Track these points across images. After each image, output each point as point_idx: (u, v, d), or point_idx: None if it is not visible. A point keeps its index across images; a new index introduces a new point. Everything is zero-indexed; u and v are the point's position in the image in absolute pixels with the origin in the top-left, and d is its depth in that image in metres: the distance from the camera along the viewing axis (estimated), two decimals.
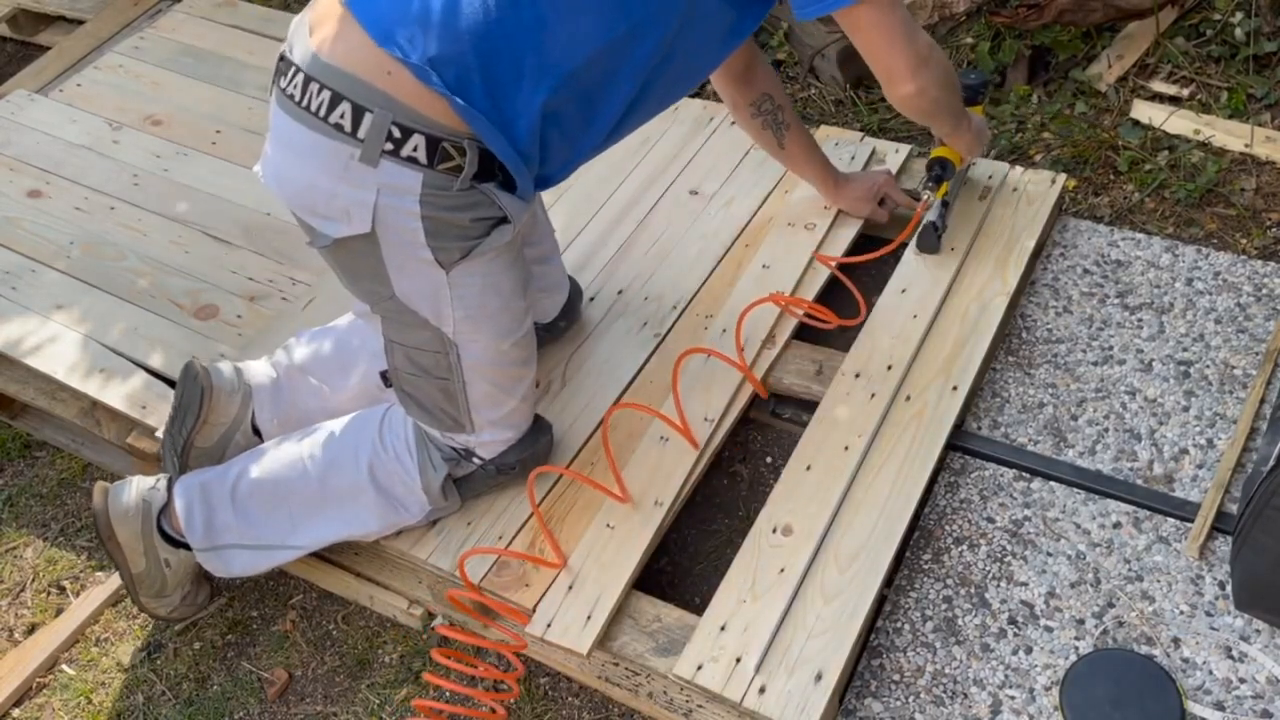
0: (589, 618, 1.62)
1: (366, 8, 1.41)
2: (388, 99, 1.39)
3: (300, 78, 1.43)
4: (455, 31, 1.38)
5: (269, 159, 1.52)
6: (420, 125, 1.40)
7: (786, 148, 2.01)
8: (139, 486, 1.78)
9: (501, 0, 1.38)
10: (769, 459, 1.98)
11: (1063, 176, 2.16)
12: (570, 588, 1.66)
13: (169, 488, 1.79)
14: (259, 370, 1.88)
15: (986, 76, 2.10)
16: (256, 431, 1.87)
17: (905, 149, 2.28)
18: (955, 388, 1.84)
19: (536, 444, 1.77)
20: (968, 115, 1.87)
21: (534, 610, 1.65)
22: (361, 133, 1.40)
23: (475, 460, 1.72)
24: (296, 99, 1.44)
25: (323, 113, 1.41)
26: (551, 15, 1.39)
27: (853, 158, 2.26)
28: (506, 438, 1.73)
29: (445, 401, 1.65)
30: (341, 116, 1.40)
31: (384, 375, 1.79)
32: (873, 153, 2.27)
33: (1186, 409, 1.85)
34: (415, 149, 1.41)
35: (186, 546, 1.78)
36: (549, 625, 1.62)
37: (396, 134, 1.40)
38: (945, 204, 2.04)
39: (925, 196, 2.02)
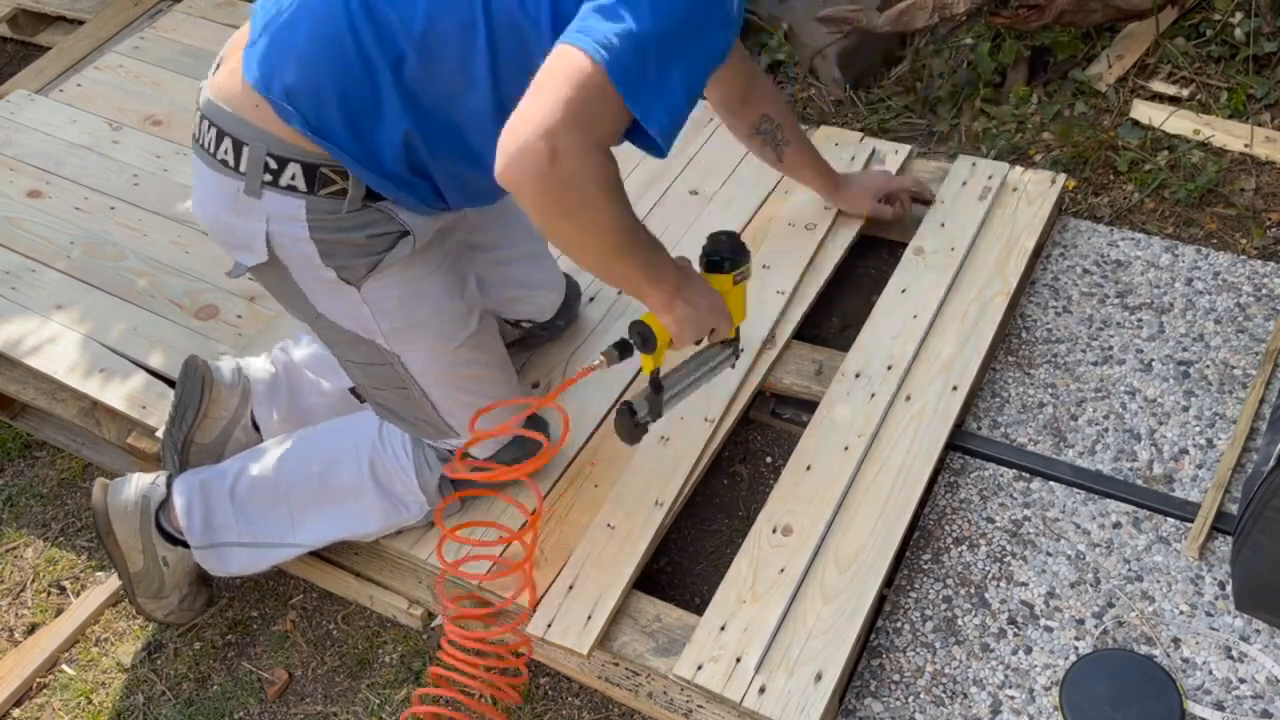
0: (589, 618, 1.62)
1: (254, 41, 1.42)
2: (260, 132, 1.40)
3: (198, 115, 1.48)
4: (310, 61, 1.37)
5: (194, 195, 1.56)
6: (294, 155, 1.41)
7: (785, 160, 2.00)
8: (138, 484, 1.79)
9: (359, 31, 1.35)
10: (769, 459, 1.98)
11: (1063, 177, 2.16)
12: (570, 588, 1.66)
13: (169, 485, 1.79)
14: (259, 366, 1.89)
15: (740, 248, 1.54)
16: (256, 428, 1.87)
17: (905, 149, 2.28)
18: (955, 388, 1.84)
19: (531, 443, 1.75)
20: (673, 283, 1.43)
21: (534, 610, 1.65)
22: (242, 166, 1.43)
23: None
24: (196, 137, 1.49)
25: (212, 149, 1.45)
26: (409, 48, 1.35)
27: (853, 158, 2.26)
28: (497, 438, 1.71)
29: (414, 409, 1.65)
30: (226, 152, 1.44)
31: (353, 391, 1.79)
32: (873, 153, 2.27)
33: (1186, 409, 1.85)
34: (293, 177, 1.42)
35: (185, 544, 1.78)
36: (549, 626, 1.62)
37: (273, 165, 1.41)
38: (656, 385, 1.55)
39: (596, 361, 1.51)
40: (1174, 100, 2.46)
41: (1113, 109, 2.47)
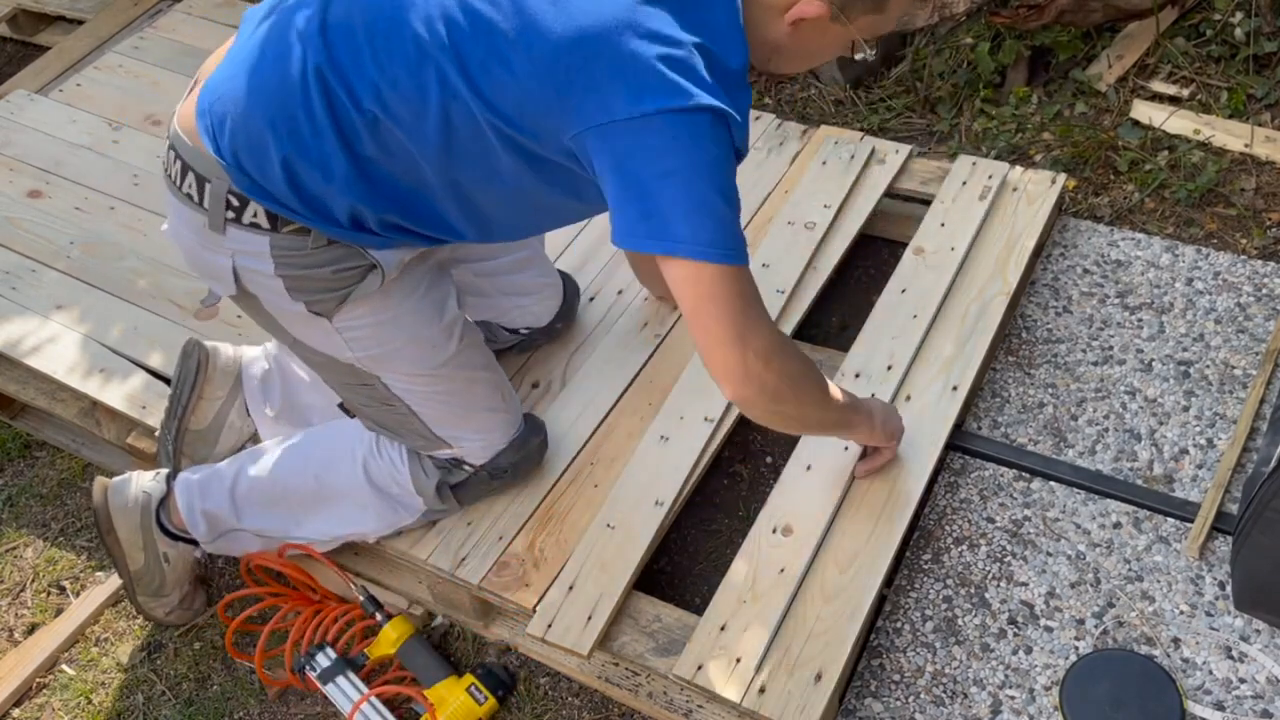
0: (589, 618, 1.62)
1: (215, 81, 1.39)
2: (221, 168, 1.37)
3: (167, 144, 1.46)
4: (257, 122, 1.34)
5: (167, 220, 1.54)
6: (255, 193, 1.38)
7: (639, 269, 1.96)
8: (139, 481, 1.79)
9: (312, 102, 1.31)
10: (769, 459, 1.98)
11: (1063, 176, 2.16)
12: (571, 588, 1.66)
13: (169, 483, 1.79)
14: (253, 355, 1.91)
15: None
16: (250, 417, 1.89)
17: (906, 149, 2.28)
18: (955, 388, 1.84)
19: (528, 445, 1.75)
20: (854, 409, 1.57)
21: (534, 611, 1.65)
22: (206, 202, 1.41)
23: (467, 468, 1.72)
24: (165, 167, 1.47)
25: (178, 181, 1.43)
26: (361, 126, 1.31)
27: (852, 156, 2.26)
28: (492, 443, 1.70)
29: (403, 423, 1.65)
30: (190, 186, 1.42)
31: (341, 406, 1.79)
32: (872, 152, 2.27)
33: (1186, 409, 1.85)
34: (256, 215, 1.39)
35: (187, 540, 1.79)
36: (549, 626, 1.62)
37: (235, 202, 1.39)
38: None
39: None
40: (1174, 100, 2.46)
41: (1113, 109, 2.47)
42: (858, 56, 1.37)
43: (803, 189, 2.20)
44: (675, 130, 1.22)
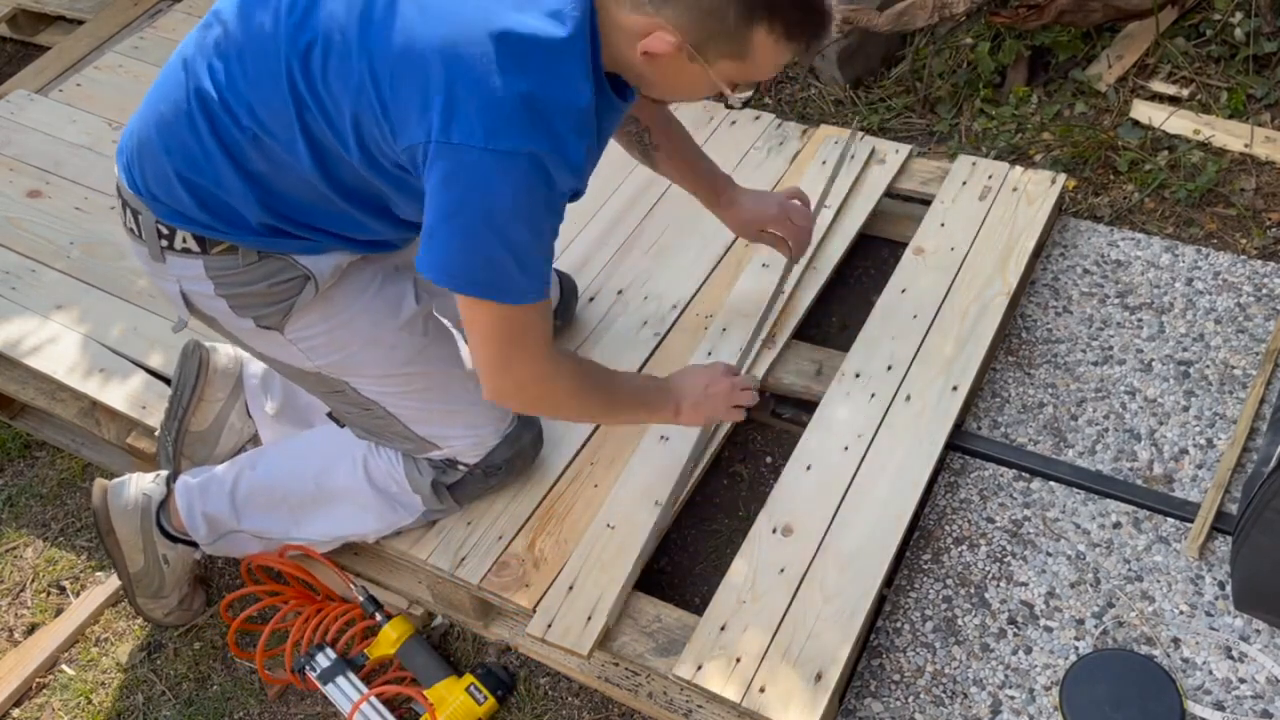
0: (589, 619, 1.62)
1: (131, 120, 1.46)
2: (140, 201, 1.43)
3: (115, 175, 1.50)
4: (157, 152, 1.40)
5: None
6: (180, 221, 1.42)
7: (658, 165, 1.85)
8: (139, 483, 1.79)
9: (196, 123, 1.36)
10: (769, 459, 1.98)
11: (1063, 176, 2.16)
12: (571, 588, 1.66)
13: (169, 484, 1.79)
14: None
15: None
16: (252, 418, 1.88)
17: (906, 149, 2.28)
18: (955, 388, 1.84)
19: (520, 441, 1.73)
20: (668, 401, 1.65)
21: (534, 611, 1.65)
22: (142, 234, 1.46)
23: (461, 467, 1.72)
24: (116, 203, 1.52)
25: (122, 216, 1.49)
26: (244, 140, 1.35)
27: (852, 156, 2.26)
28: (483, 441, 1.69)
29: (386, 427, 1.65)
30: (129, 219, 1.47)
31: (331, 416, 1.79)
32: (872, 152, 2.27)
33: (1186, 409, 1.85)
34: (185, 241, 1.44)
35: (187, 542, 1.78)
36: (549, 626, 1.62)
37: (164, 230, 1.43)
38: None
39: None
40: (1174, 100, 2.46)
41: (1113, 109, 2.47)
42: (730, 102, 1.36)
43: (803, 188, 2.19)
44: (482, 168, 1.22)
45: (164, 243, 1.44)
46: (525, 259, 1.30)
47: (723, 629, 1.59)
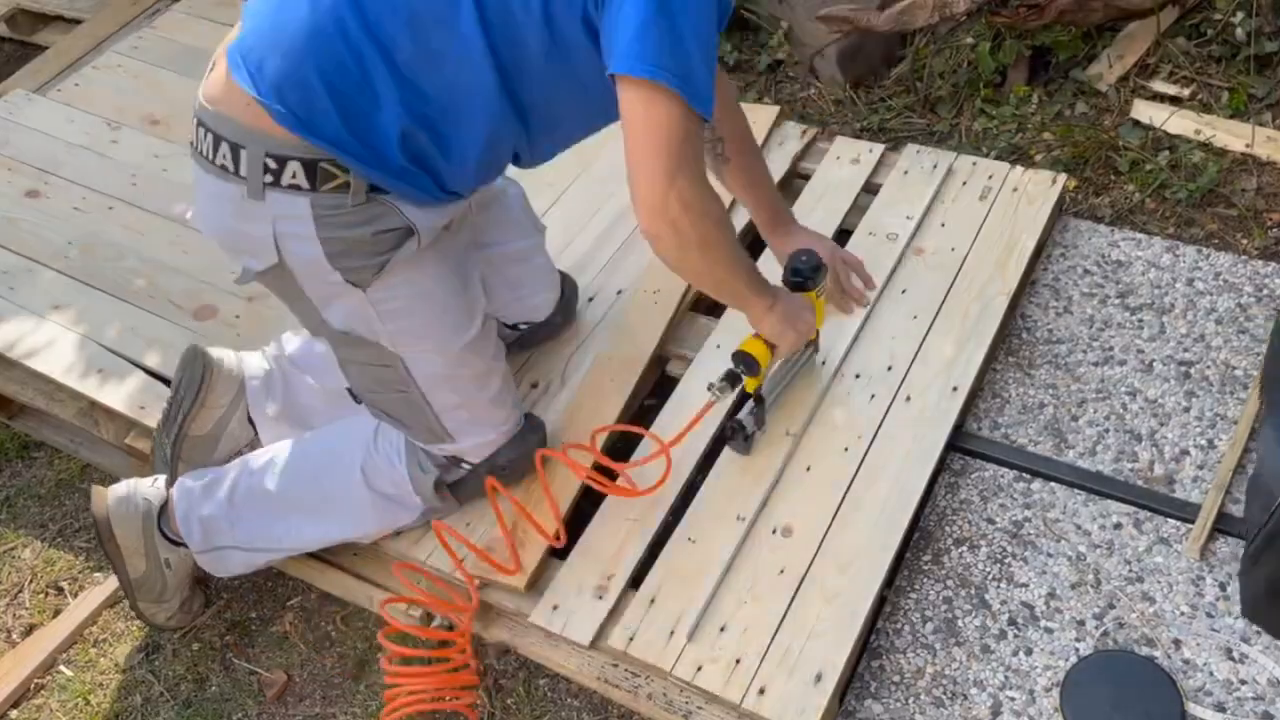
0: (671, 633, 1.61)
1: (241, 38, 1.41)
2: (255, 133, 1.39)
3: (194, 121, 1.46)
4: (297, 55, 1.35)
5: (195, 204, 1.54)
6: (292, 152, 1.38)
7: (726, 179, 1.86)
8: (138, 488, 1.79)
9: (345, 20, 1.33)
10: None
11: (1063, 177, 2.16)
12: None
13: (167, 487, 1.78)
14: (254, 362, 1.89)
15: (818, 263, 1.74)
16: (251, 424, 1.87)
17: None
18: (955, 388, 1.84)
19: (526, 443, 1.75)
20: (770, 293, 1.62)
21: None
22: (243, 170, 1.41)
23: (465, 465, 1.71)
24: (195, 144, 1.47)
25: (211, 155, 1.43)
26: (399, 31, 1.34)
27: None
28: (491, 440, 1.71)
29: (412, 412, 1.64)
30: (224, 157, 1.42)
31: (350, 392, 1.79)
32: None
33: (1187, 410, 1.84)
34: (294, 175, 1.40)
35: (187, 546, 1.78)
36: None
37: (272, 164, 1.39)
38: (759, 399, 1.76)
39: (710, 397, 1.69)
40: (1175, 100, 2.45)
41: (1113, 109, 2.47)
42: None
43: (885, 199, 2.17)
44: None
45: (269, 178, 1.39)
46: (709, 61, 1.33)
47: (723, 629, 1.59)
